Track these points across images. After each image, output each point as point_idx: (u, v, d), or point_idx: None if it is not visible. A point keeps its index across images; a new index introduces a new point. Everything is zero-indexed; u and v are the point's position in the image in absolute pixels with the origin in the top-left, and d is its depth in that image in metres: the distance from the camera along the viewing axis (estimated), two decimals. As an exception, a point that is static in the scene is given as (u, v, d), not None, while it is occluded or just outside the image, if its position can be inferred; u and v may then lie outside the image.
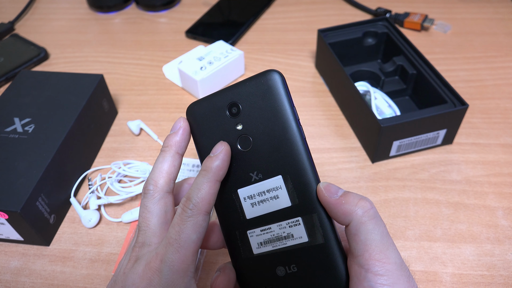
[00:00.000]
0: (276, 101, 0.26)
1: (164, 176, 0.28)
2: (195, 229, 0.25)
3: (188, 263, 0.25)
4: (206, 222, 0.26)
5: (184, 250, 0.25)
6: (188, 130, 0.29)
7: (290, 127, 0.26)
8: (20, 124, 0.45)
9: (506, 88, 0.56)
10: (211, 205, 0.26)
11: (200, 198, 0.26)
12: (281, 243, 0.27)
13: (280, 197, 0.26)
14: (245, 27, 0.68)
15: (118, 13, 0.76)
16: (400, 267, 0.23)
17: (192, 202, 0.26)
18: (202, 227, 0.26)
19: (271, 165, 0.26)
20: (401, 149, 0.47)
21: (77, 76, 0.51)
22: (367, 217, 0.24)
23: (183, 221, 0.25)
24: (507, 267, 0.38)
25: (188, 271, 0.25)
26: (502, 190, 0.44)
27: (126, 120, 0.55)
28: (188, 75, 0.54)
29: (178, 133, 0.28)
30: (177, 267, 0.25)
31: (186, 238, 0.25)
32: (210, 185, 0.26)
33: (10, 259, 0.41)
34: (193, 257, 0.25)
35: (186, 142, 0.29)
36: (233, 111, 0.27)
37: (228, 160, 0.27)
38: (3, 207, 0.37)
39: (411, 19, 0.66)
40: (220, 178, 0.27)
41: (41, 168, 0.40)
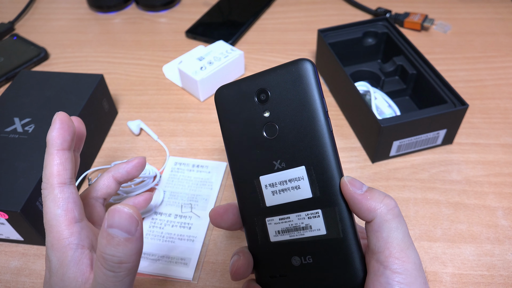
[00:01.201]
0: (306, 91, 0.26)
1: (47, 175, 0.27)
2: (55, 204, 0.26)
3: (66, 237, 0.26)
4: (66, 193, 0.26)
5: (55, 227, 0.26)
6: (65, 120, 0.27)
7: (318, 118, 0.25)
8: (20, 124, 0.45)
9: (506, 88, 0.56)
10: (62, 175, 0.26)
11: (48, 174, 0.26)
12: (298, 233, 0.27)
13: (301, 187, 0.26)
14: (245, 27, 0.68)
15: (118, 13, 0.76)
16: (419, 268, 0.24)
17: (44, 181, 0.27)
18: (63, 199, 0.26)
19: (295, 155, 0.26)
20: (401, 149, 0.47)
21: (77, 76, 0.51)
22: (391, 215, 0.24)
23: (44, 202, 0.26)
24: (507, 267, 0.38)
25: (69, 244, 0.26)
26: (502, 190, 0.44)
27: (126, 120, 0.55)
28: (188, 75, 0.54)
29: (53, 128, 0.27)
30: (56, 246, 0.25)
31: (51, 215, 0.26)
32: (52, 157, 0.26)
33: (10, 259, 0.41)
34: (69, 230, 0.26)
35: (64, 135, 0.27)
36: (262, 97, 0.27)
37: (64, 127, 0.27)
38: (3, 207, 0.37)
39: (411, 19, 0.66)
40: (61, 147, 0.27)
41: (41, 168, 0.40)
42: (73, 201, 0.27)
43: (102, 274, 0.23)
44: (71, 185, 0.27)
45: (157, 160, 0.49)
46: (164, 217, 0.43)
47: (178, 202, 0.44)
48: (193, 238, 0.41)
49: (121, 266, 0.23)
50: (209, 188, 0.45)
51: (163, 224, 0.42)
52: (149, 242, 0.41)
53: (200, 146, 0.50)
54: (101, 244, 0.23)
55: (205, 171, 0.47)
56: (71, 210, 0.26)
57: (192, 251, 0.40)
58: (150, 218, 0.43)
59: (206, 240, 0.41)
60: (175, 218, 0.43)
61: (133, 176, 0.34)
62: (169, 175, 0.47)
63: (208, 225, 0.42)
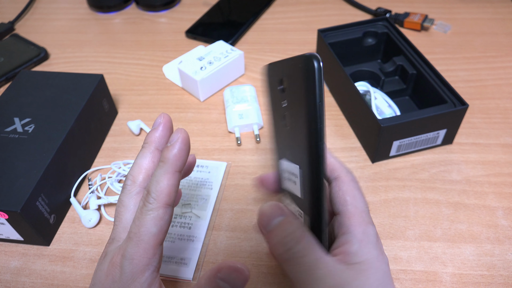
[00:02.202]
0: (307, 93, 0.24)
1: (142, 172, 0.27)
2: (155, 223, 0.25)
3: (149, 257, 0.25)
4: (167, 215, 0.26)
5: (144, 243, 0.25)
6: (168, 125, 0.28)
7: (311, 125, 0.24)
8: (20, 124, 0.45)
9: (506, 88, 0.56)
10: (172, 197, 0.26)
11: (159, 191, 0.25)
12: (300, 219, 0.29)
13: (296, 184, 0.27)
14: (245, 27, 0.68)
15: (118, 13, 0.76)
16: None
17: (151, 196, 0.25)
18: (163, 220, 0.26)
19: (295, 152, 0.27)
20: (401, 149, 0.47)
21: (77, 76, 0.51)
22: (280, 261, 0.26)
23: (143, 215, 0.25)
24: (507, 267, 0.38)
25: (149, 265, 0.25)
26: (502, 190, 0.44)
27: (126, 120, 0.55)
28: (188, 75, 0.54)
29: (158, 129, 0.28)
30: (137, 261, 0.25)
31: (146, 231, 0.25)
32: (168, 176, 0.25)
33: (10, 259, 0.41)
34: (154, 250, 0.25)
35: (166, 138, 0.28)
36: (281, 86, 0.27)
37: (185, 149, 0.26)
38: (3, 207, 0.37)
39: (411, 19, 0.66)
40: (179, 169, 0.26)
41: (41, 168, 0.40)
42: (167, 224, 0.26)
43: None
44: (171, 208, 0.27)
45: (157, 160, 0.49)
46: (164, 217, 0.43)
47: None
48: (193, 238, 0.41)
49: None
50: (209, 188, 0.45)
51: (163, 224, 0.42)
52: (149, 242, 0.41)
53: (200, 146, 0.50)
54: None
55: (205, 171, 0.47)
56: (164, 233, 0.26)
57: (192, 251, 0.40)
58: (150, 218, 0.43)
59: (206, 240, 0.41)
60: (175, 218, 0.43)
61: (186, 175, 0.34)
62: (169, 175, 0.47)
63: (208, 225, 0.42)
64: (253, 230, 0.42)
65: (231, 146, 0.50)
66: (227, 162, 0.48)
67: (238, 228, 0.42)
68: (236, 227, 0.42)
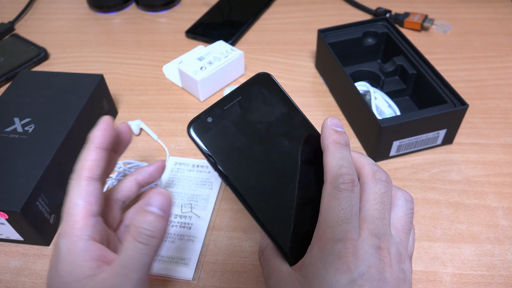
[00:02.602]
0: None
1: (79, 168, 0.29)
2: (78, 195, 0.27)
3: (80, 227, 0.27)
4: (91, 187, 0.28)
5: (72, 216, 0.27)
6: (109, 123, 0.30)
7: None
8: (20, 124, 0.45)
9: (506, 88, 0.56)
10: (94, 170, 0.28)
11: (79, 166, 0.28)
12: None
13: None
14: (245, 27, 0.68)
15: (118, 13, 0.76)
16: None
17: (74, 172, 0.28)
18: (87, 192, 0.27)
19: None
20: (401, 149, 0.47)
21: (77, 76, 0.51)
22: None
23: (69, 191, 0.28)
24: (507, 267, 0.38)
25: (82, 235, 0.26)
26: (502, 190, 0.44)
27: (126, 120, 0.55)
28: (188, 75, 0.54)
29: (97, 128, 0.30)
30: (69, 234, 0.26)
31: (72, 204, 0.27)
32: (88, 152, 0.28)
33: (10, 259, 0.41)
34: (84, 221, 0.27)
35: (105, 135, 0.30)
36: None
37: (105, 128, 0.29)
38: (3, 207, 0.37)
39: (411, 19, 0.66)
40: (99, 145, 0.29)
41: (41, 168, 0.40)
42: (96, 196, 0.28)
43: (132, 246, 0.26)
44: (98, 181, 0.28)
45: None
46: (164, 217, 0.43)
47: (178, 202, 0.44)
48: (193, 238, 0.41)
49: (151, 240, 0.26)
50: (209, 188, 0.45)
51: (163, 224, 0.42)
52: (149, 242, 0.41)
53: (200, 146, 0.50)
54: (137, 220, 0.26)
55: (205, 171, 0.47)
56: (91, 203, 0.27)
57: (192, 251, 0.40)
58: (150, 218, 0.43)
59: (206, 240, 0.41)
60: (175, 218, 0.43)
61: (155, 179, 0.35)
62: (169, 175, 0.47)
63: (208, 225, 0.42)
64: (254, 230, 0.42)
65: (231, 146, 0.50)
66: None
67: (238, 228, 0.42)
68: (236, 227, 0.42)
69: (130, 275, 0.25)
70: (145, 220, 0.26)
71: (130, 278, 0.25)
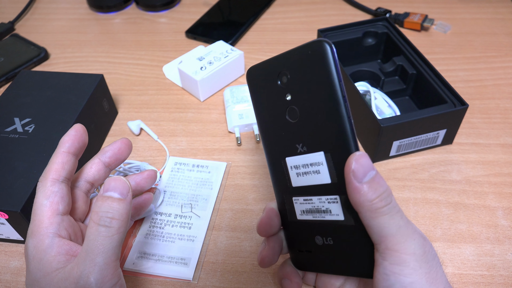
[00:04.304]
0: (323, 74, 0.25)
1: (46, 171, 0.30)
2: (44, 195, 0.28)
3: (45, 226, 0.28)
4: (56, 188, 0.29)
5: (38, 216, 0.28)
6: (80, 130, 0.31)
7: (335, 104, 0.25)
8: (20, 124, 0.45)
9: (506, 88, 0.56)
10: (59, 172, 0.29)
11: (46, 169, 0.30)
12: (320, 215, 0.27)
13: (321, 172, 0.26)
14: (245, 27, 0.68)
15: (118, 13, 0.76)
16: (420, 258, 0.23)
17: (42, 175, 0.30)
18: (52, 192, 0.29)
19: (315, 140, 0.26)
20: (401, 149, 0.47)
21: (77, 76, 0.51)
22: (377, 213, 0.24)
23: (36, 193, 0.29)
24: (507, 267, 0.38)
25: (47, 233, 0.27)
26: (502, 190, 0.44)
27: (126, 120, 0.55)
28: (188, 75, 0.54)
29: (68, 133, 0.31)
30: (35, 233, 0.27)
31: (38, 205, 0.28)
32: (56, 156, 0.30)
33: (10, 259, 0.41)
34: (50, 220, 0.28)
35: (73, 141, 0.31)
36: (283, 80, 0.27)
37: (77, 135, 0.31)
38: (3, 207, 0.37)
39: (411, 19, 0.66)
40: (68, 150, 0.30)
41: (41, 168, 0.40)
42: (61, 195, 0.29)
43: (94, 231, 0.26)
44: (63, 183, 0.29)
45: (157, 160, 0.49)
46: (164, 217, 0.43)
47: (178, 202, 0.44)
48: (193, 238, 0.41)
49: (113, 222, 0.27)
50: (209, 188, 0.45)
51: (163, 224, 0.42)
52: (149, 242, 0.41)
53: (200, 146, 0.50)
54: (96, 205, 0.27)
55: (205, 171, 0.47)
56: (56, 203, 0.28)
57: (192, 251, 0.40)
58: (150, 218, 0.43)
59: (206, 240, 0.41)
60: (175, 218, 0.43)
61: (122, 156, 0.35)
62: (169, 175, 0.47)
63: (208, 225, 0.42)
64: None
65: (231, 146, 0.50)
66: (227, 162, 0.48)
67: (238, 228, 0.42)
68: (236, 227, 0.42)
69: (94, 259, 0.26)
70: (104, 204, 0.27)
71: (96, 262, 0.26)
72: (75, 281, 0.26)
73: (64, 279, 0.26)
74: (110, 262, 0.26)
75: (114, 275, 0.27)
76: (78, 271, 0.26)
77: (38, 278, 0.27)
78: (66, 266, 0.27)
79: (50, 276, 0.26)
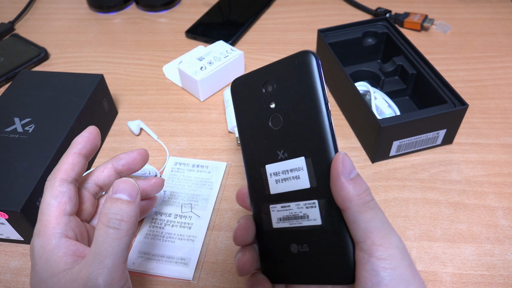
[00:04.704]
0: (307, 83, 0.26)
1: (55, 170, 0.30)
2: (52, 195, 0.28)
3: (52, 226, 0.28)
4: (64, 188, 0.29)
5: (45, 216, 0.28)
6: (94, 133, 0.31)
7: (318, 111, 0.26)
8: (20, 124, 0.45)
9: (506, 88, 0.56)
10: (68, 173, 0.29)
11: (55, 169, 0.29)
12: (297, 221, 0.28)
13: (301, 177, 0.27)
14: (245, 27, 0.68)
15: (118, 13, 0.76)
16: (403, 251, 0.24)
17: (50, 174, 0.29)
18: (60, 192, 0.28)
19: (297, 145, 0.27)
20: (401, 149, 0.47)
21: (77, 76, 0.51)
22: (365, 207, 0.24)
23: (44, 192, 0.29)
24: (507, 267, 0.38)
25: (54, 233, 0.27)
26: (502, 190, 0.44)
27: (126, 120, 0.55)
28: (188, 75, 0.54)
29: (82, 134, 0.31)
30: (42, 233, 0.27)
31: (46, 205, 0.28)
32: (67, 156, 0.30)
33: (10, 259, 0.41)
34: (57, 220, 0.28)
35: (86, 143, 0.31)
36: (268, 89, 0.28)
37: (90, 138, 0.31)
38: (3, 207, 0.37)
39: (411, 19, 0.66)
40: (80, 151, 0.30)
41: (41, 168, 0.40)
42: (69, 196, 0.29)
43: (103, 232, 0.26)
44: (71, 183, 0.29)
45: (157, 160, 0.49)
46: (164, 217, 0.43)
47: (178, 202, 0.44)
48: (193, 238, 0.41)
49: (122, 224, 0.26)
50: (209, 188, 0.45)
51: (163, 224, 0.42)
52: (149, 242, 0.41)
53: (200, 146, 0.50)
54: (105, 207, 0.27)
55: (205, 171, 0.47)
56: (64, 203, 0.28)
57: (192, 251, 0.40)
58: (150, 218, 0.43)
59: (206, 240, 0.41)
60: (175, 218, 0.43)
61: (135, 166, 0.35)
62: (169, 175, 0.47)
63: (208, 225, 0.42)
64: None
65: (231, 146, 0.50)
66: (227, 162, 0.48)
67: (238, 228, 0.42)
68: (236, 227, 0.42)
69: (103, 261, 0.26)
70: (114, 206, 0.27)
71: (104, 264, 0.26)
72: (83, 283, 0.26)
73: (72, 280, 0.26)
74: (118, 264, 0.26)
75: (122, 277, 0.27)
76: (87, 272, 0.26)
77: (45, 279, 0.27)
78: (73, 267, 0.27)
79: (58, 277, 0.26)
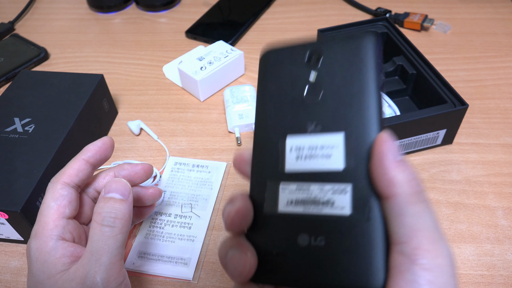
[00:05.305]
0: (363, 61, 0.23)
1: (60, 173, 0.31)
2: (53, 197, 0.29)
3: (50, 228, 0.28)
4: (66, 191, 0.29)
5: (43, 217, 0.28)
6: (107, 143, 0.32)
7: (371, 87, 0.22)
8: (20, 124, 0.45)
9: (506, 88, 0.56)
10: (72, 177, 0.30)
11: (62, 171, 0.30)
12: (315, 208, 0.22)
13: (333, 156, 0.23)
14: (245, 27, 0.68)
15: (118, 13, 0.76)
16: (452, 265, 0.19)
17: (55, 175, 0.30)
18: (61, 195, 0.29)
19: (337, 119, 0.23)
20: (401, 149, 0.47)
21: (77, 76, 0.51)
22: (417, 197, 0.19)
23: (45, 193, 0.29)
24: (507, 267, 0.38)
25: (51, 235, 0.28)
26: (502, 190, 0.44)
27: (126, 120, 0.55)
28: (188, 75, 0.54)
29: (94, 143, 0.32)
30: (39, 235, 0.28)
31: (45, 207, 0.29)
32: (74, 161, 0.31)
33: (10, 259, 0.41)
34: (55, 222, 0.28)
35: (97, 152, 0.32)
36: (313, 59, 0.25)
37: (102, 148, 0.31)
38: (3, 207, 0.37)
39: (411, 19, 0.66)
40: (88, 159, 0.31)
41: (41, 168, 0.40)
42: (69, 200, 0.29)
43: (98, 231, 0.27)
44: (73, 188, 0.29)
45: (157, 160, 0.49)
46: (164, 217, 0.43)
47: (178, 202, 0.44)
48: (193, 238, 0.41)
49: (116, 221, 0.27)
50: (209, 188, 0.45)
51: (163, 224, 0.42)
52: (149, 242, 0.41)
53: (200, 146, 0.50)
54: (98, 206, 0.28)
55: (205, 171, 0.47)
56: (63, 206, 0.29)
57: (192, 251, 0.40)
58: (150, 218, 0.43)
59: (206, 240, 0.41)
60: (175, 218, 0.43)
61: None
62: (169, 175, 0.47)
63: (208, 225, 0.42)
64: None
65: (231, 146, 0.50)
66: (227, 162, 0.48)
67: (238, 228, 0.42)
68: (236, 227, 0.42)
69: (100, 259, 0.26)
70: (107, 205, 0.28)
71: (101, 262, 0.26)
72: (81, 282, 0.26)
73: (69, 280, 0.26)
74: (115, 261, 0.27)
75: (120, 274, 0.27)
76: (84, 271, 0.26)
77: (42, 280, 0.27)
78: (70, 268, 0.27)
79: (55, 278, 0.26)
